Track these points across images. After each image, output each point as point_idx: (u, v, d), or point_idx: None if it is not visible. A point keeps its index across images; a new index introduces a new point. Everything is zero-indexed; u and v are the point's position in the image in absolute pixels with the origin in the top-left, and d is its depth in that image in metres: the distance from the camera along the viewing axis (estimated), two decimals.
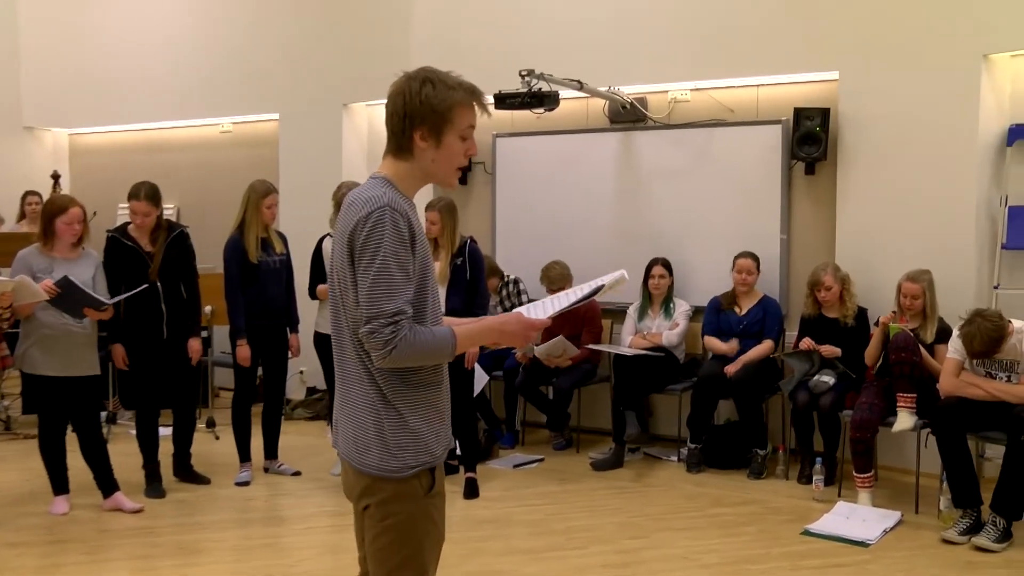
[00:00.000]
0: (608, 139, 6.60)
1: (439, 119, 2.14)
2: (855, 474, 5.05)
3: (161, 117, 8.50)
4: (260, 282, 5.35)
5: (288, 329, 5.53)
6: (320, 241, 5.49)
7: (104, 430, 5.37)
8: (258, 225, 5.35)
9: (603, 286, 2.23)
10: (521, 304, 6.51)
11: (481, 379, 6.05)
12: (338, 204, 5.36)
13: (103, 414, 6.00)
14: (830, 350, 5.45)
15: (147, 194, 5.00)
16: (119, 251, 5.05)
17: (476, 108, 2.19)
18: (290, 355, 5.54)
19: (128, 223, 5.14)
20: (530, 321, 2.17)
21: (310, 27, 7.59)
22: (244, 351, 5.35)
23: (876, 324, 5.28)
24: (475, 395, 5.74)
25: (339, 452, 2.26)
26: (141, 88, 8.44)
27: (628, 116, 6.50)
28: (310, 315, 5.62)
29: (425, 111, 2.13)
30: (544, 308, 2.26)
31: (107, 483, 4.98)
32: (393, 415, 2.13)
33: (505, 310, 6.44)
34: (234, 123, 8.36)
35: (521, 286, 6.59)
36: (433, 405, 2.19)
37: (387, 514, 2.16)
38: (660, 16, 6.33)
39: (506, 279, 6.61)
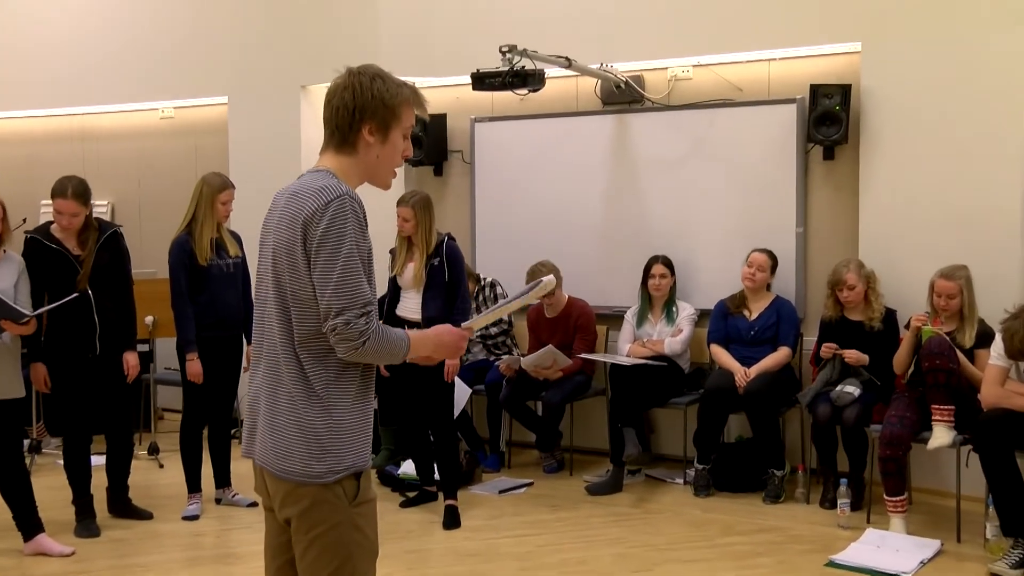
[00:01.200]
0: (600, 123, 6.60)
1: (388, 114, 2.35)
2: (886, 497, 5.02)
3: (91, 101, 8.38)
4: (211, 288, 5.30)
5: (245, 340, 5.46)
6: None
7: (27, 461, 5.28)
8: (211, 224, 5.30)
9: (535, 284, 2.46)
10: None
11: (463, 394, 6.05)
12: None
13: (25, 443, 5.93)
14: (855, 356, 5.40)
15: (75, 191, 4.92)
16: (41, 255, 4.95)
17: (417, 107, 2.42)
18: (244, 367, 5.46)
19: (50, 222, 5.05)
20: (462, 333, 2.42)
21: (264, 1, 7.55)
22: (195, 366, 5.29)
23: (906, 327, 5.25)
24: (456, 414, 5.72)
25: (254, 459, 2.39)
26: (66, 67, 8.33)
27: (623, 97, 6.50)
28: None
29: (376, 105, 2.33)
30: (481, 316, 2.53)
31: (29, 524, 4.85)
32: (322, 416, 2.26)
33: None
34: (176, 108, 8.26)
35: (499, 290, 6.58)
36: (364, 408, 2.33)
37: (311, 525, 2.28)
38: None
39: (482, 282, 6.60)
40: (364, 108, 2.33)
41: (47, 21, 8.45)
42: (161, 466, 6.50)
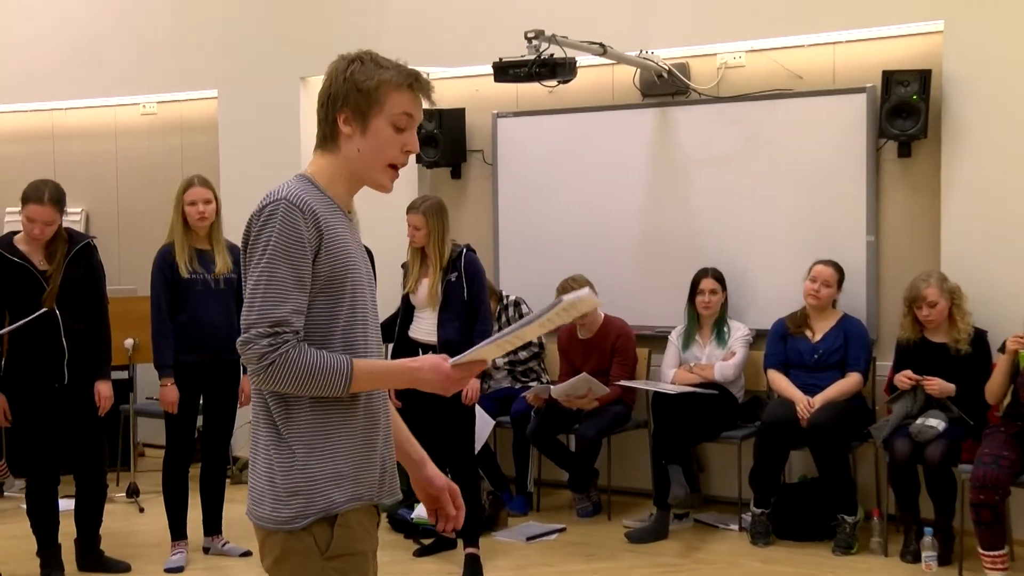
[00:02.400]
0: (640, 117, 6.59)
1: (363, 99, 2.30)
2: (980, 551, 4.91)
3: (61, 95, 8.41)
4: (192, 306, 5.29)
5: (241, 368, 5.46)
6: None
7: None
8: (183, 229, 5.33)
9: (557, 303, 2.15)
10: None
11: (485, 427, 6.05)
12: None
13: None
14: (939, 386, 5.31)
15: (52, 197, 4.95)
16: (4, 269, 4.98)
17: (413, 95, 2.34)
18: (240, 402, 5.49)
19: (15, 232, 5.13)
20: (447, 371, 2.26)
21: None
22: (169, 393, 5.29)
23: (1000, 350, 5.16)
24: (477, 448, 5.73)
25: None
26: (35, 57, 8.36)
27: (665, 87, 6.48)
28: None
29: (348, 89, 2.30)
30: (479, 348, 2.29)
31: None
32: (285, 453, 2.25)
33: None
34: (159, 102, 8.28)
35: (524, 309, 6.63)
36: (341, 442, 2.28)
37: None
38: None
39: (505, 301, 6.62)
40: (336, 95, 2.32)
41: (15, 8, 8.49)
42: (141, 510, 6.47)
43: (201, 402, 5.43)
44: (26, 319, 4.83)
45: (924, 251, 5.86)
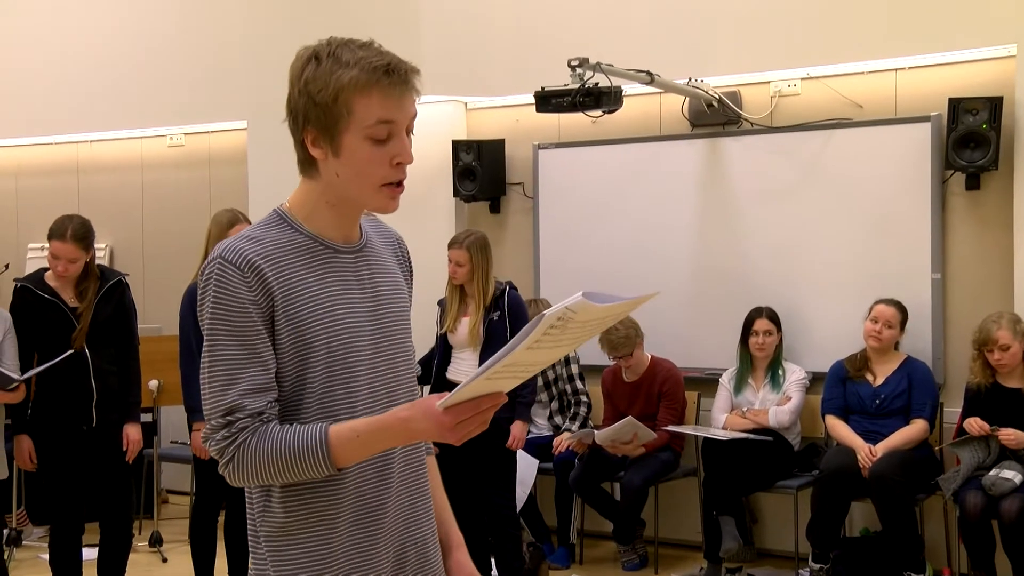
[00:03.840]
0: (689, 149, 6.62)
1: (324, 114, 1.94)
2: None
3: (88, 127, 8.48)
4: None
5: None
6: None
7: (4, 555, 5.35)
8: None
9: (539, 322, 1.72)
10: (572, 376, 6.33)
11: (529, 470, 6.01)
12: None
13: (4, 532, 5.92)
14: (1015, 437, 5.20)
15: (76, 233, 4.96)
16: (33, 307, 4.99)
17: (386, 93, 1.93)
18: None
19: (44, 269, 5.10)
20: (439, 418, 1.86)
21: (287, 12, 7.62)
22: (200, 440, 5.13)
23: None
24: (523, 496, 5.75)
25: None
26: (60, 89, 8.44)
27: (716, 117, 6.47)
28: None
29: (306, 104, 1.95)
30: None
31: None
32: (259, 556, 2.02)
33: (548, 383, 6.56)
34: (186, 134, 8.33)
35: (574, 353, 6.56)
36: (318, 537, 1.98)
37: None
38: None
39: None
40: (296, 112, 1.97)
41: (39, 39, 8.58)
42: (164, 560, 6.47)
43: None
44: (54, 361, 4.83)
45: (994, 290, 5.80)
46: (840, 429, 5.69)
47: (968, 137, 5.61)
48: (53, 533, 5.10)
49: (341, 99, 1.92)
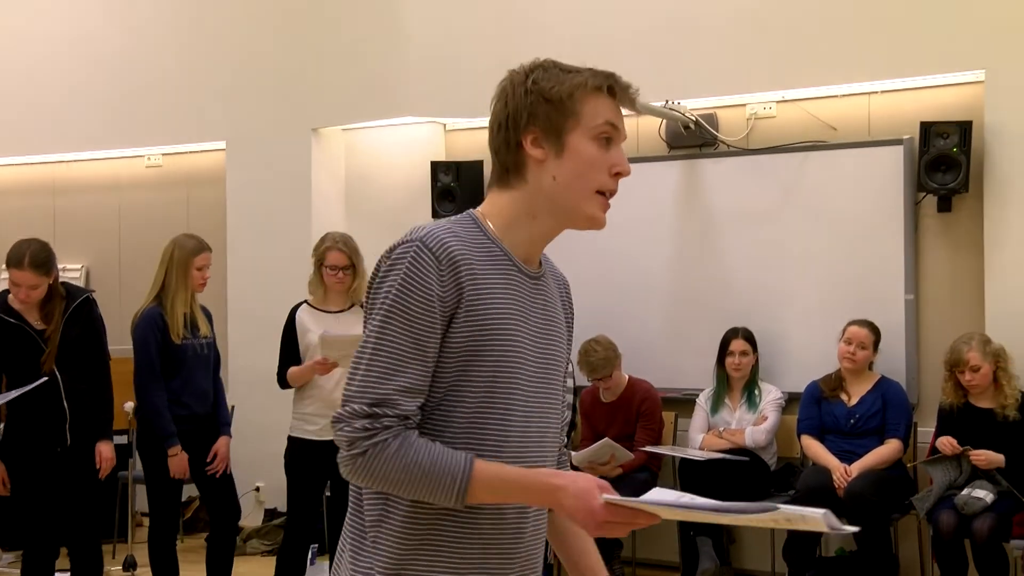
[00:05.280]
0: (666, 170, 6.61)
1: (555, 110, 1.93)
2: None
3: (64, 148, 8.44)
4: (184, 372, 5.25)
5: (224, 431, 5.44)
6: (293, 311, 5.46)
7: None
8: (185, 295, 5.26)
9: (772, 508, 1.71)
10: (568, 390, 6.31)
11: None
12: (320, 262, 5.36)
13: None
14: (987, 458, 5.23)
15: (34, 260, 4.85)
16: None
17: (613, 101, 1.97)
18: (214, 467, 5.37)
19: (7, 291, 5.02)
20: (593, 508, 1.80)
21: (267, 32, 7.63)
22: (182, 461, 5.18)
23: None
24: None
25: None
26: (36, 108, 8.41)
27: (692, 139, 6.51)
28: (279, 410, 5.35)
29: (534, 103, 1.94)
30: (662, 496, 1.83)
31: None
32: (364, 560, 1.92)
33: None
34: (165, 154, 8.32)
35: (570, 368, 6.34)
36: (445, 559, 1.90)
37: None
38: (733, 5, 6.31)
39: None
40: (518, 112, 1.94)
41: (15, 58, 8.54)
42: None
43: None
44: (24, 388, 4.76)
45: (967, 310, 5.81)
46: (816, 449, 5.69)
47: (939, 160, 5.65)
48: (26, 558, 5.02)
49: (575, 96, 1.93)
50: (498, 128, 1.96)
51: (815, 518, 1.67)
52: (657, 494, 1.83)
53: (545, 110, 1.92)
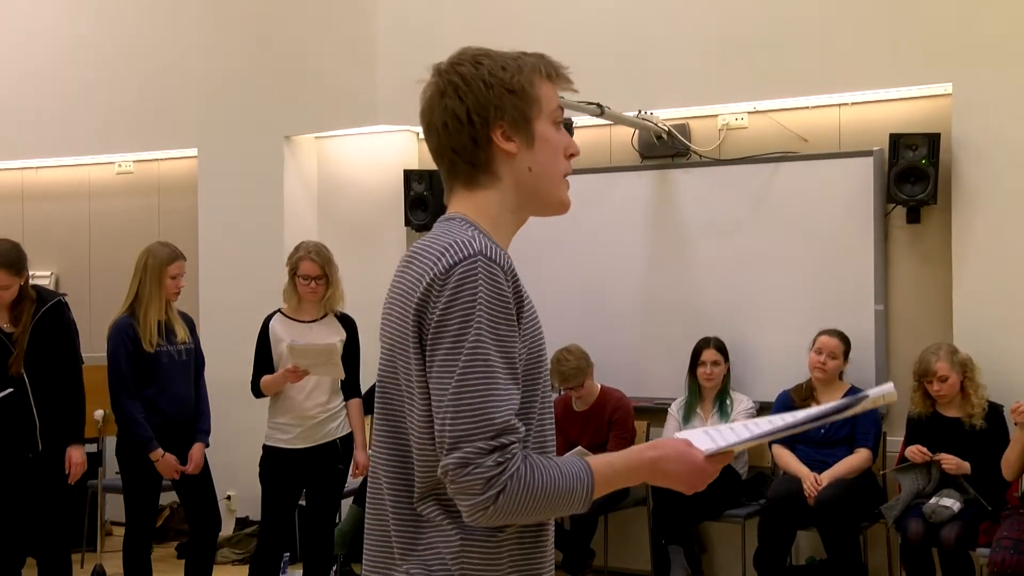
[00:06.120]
0: (639, 180, 6.63)
1: (520, 100, 1.88)
2: None
3: (32, 153, 8.39)
4: (160, 380, 5.25)
5: (199, 438, 5.42)
6: (267, 320, 5.47)
7: None
8: (159, 303, 5.25)
9: (861, 398, 1.86)
10: None
11: None
12: (293, 271, 5.36)
13: None
14: (955, 463, 5.27)
15: (5, 260, 4.89)
16: None
17: (557, 78, 1.94)
18: (187, 468, 5.33)
19: None
20: (699, 463, 1.84)
21: (239, 38, 7.62)
22: (169, 460, 5.19)
23: (1017, 424, 5.09)
24: None
25: None
26: (5, 114, 8.34)
27: (665, 149, 6.52)
28: (249, 420, 5.36)
29: (499, 95, 1.87)
30: (726, 435, 1.89)
31: None
32: None
33: None
34: (136, 161, 8.27)
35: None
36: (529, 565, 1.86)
37: None
38: (705, 17, 6.32)
39: None
40: (483, 106, 1.86)
41: None
42: None
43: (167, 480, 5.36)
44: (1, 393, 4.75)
45: (935, 320, 5.85)
46: (786, 458, 5.70)
47: (908, 172, 5.67)
48: None
49: (534, 83, 1.89)
50: (459, 125, 1.88)
51: (891, 392, 1.82)
52: (733, 434, 1.89)
53: (511, 101, 1.87)
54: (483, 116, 1.86)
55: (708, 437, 1.88)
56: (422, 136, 2.45)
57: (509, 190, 1.91)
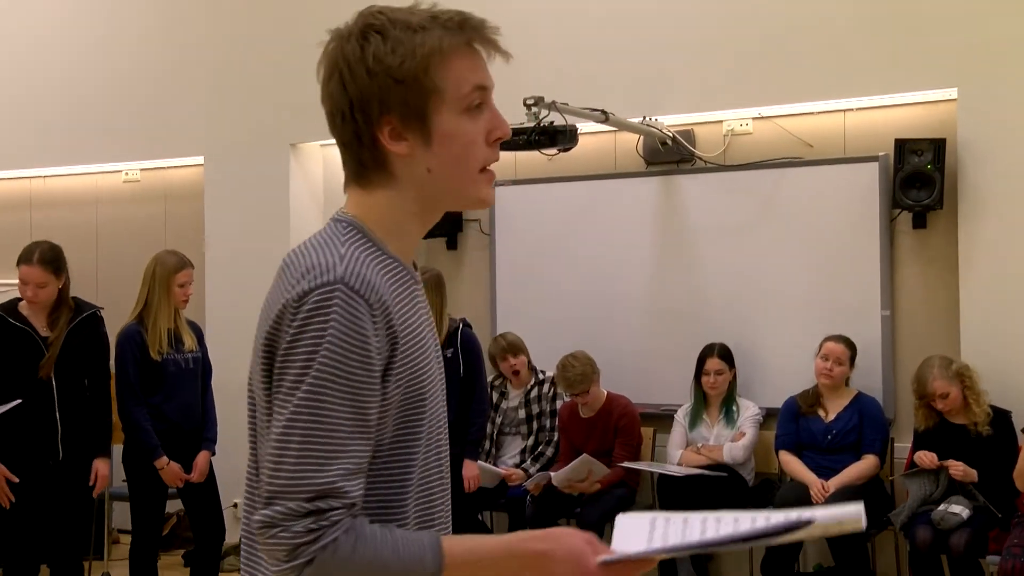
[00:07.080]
0: (644, 186, 6.63)
1: (410, 92, 1.57)
2: None
3: (40, 162, 8.41)
4: (167, 388, 5.27)
5: (206, 447, 5.46)
6: None
7: None
8: (168, 311, 5.28)
9: (805, 523, 1.51)
10: (554, 412, 6.39)
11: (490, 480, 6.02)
12: None
13: None
14: (962, 470, 5.24)
15: (43, 257, 4.99)
16: (3, 333, 4.98)
17: (475, 53, 1.62)
18: (192, 476, 5.36)
19: (18, 299, 5.10)
20: (590, 570, 1.52)
21: (245, 46, 7.63)
22: (173, 468, 5.22)
23: None
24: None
25: None
26: (14, 124, 8.36)
27: (670, 155, 6.52)
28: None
29: (383, 87, 1.57)
30: (671, 534, 1.56)
31: None
32: None
33: (530, 417, 6.38)
34: (143, 169, 8.29)
35: (558, 389, 6.47)
36: None
37: None
38: (710, 23, 6.31)
39: (540, 376, 6.47)
40: (364, 100, 1.58)
41: None
42: None
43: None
44: (8, 405, 4.78)
45: (942, 326, 5.85)
46: (793, 465, 5.70)
47: (914, 177, 5.66)
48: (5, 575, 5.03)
49: (432, 68, 1.58)
50: (340, 119, 1.62)
51: (853, 519, 1.48)
52: (661, 536, 1.57)
53: (399, 94, 1.57)
54: (366, 112, 1.59)
55: (648, 531, 1.58)
56: None
57: (408, 191, 1.63)
